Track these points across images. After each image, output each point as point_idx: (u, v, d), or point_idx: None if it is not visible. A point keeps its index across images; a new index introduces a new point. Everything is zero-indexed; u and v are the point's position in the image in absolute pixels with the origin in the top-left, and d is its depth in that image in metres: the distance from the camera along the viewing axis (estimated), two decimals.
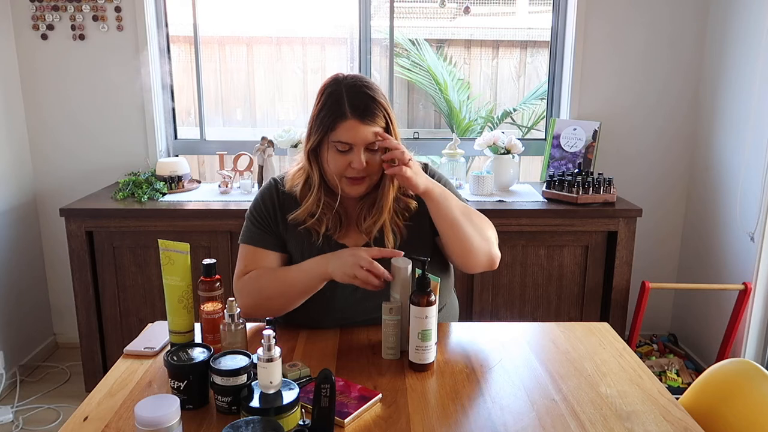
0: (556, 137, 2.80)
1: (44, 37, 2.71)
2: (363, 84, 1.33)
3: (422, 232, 1.45)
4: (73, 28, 2.70)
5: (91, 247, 2.40)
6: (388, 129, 1.34)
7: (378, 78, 3.11)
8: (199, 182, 2.79)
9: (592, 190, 2.41)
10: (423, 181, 1.32)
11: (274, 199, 1.45)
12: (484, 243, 1.40)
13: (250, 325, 1.39)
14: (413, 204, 1.44)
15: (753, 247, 2.37)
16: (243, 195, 2.55)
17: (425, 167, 1.50)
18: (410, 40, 3.61)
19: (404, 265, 1.25)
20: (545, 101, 3.07)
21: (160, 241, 1.23)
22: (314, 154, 1.38)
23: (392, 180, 1.38)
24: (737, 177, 2.49)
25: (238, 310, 1.20)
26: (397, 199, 1.42)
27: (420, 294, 1.20)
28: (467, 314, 2.48)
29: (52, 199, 2.83)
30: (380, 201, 1.39)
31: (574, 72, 2.78)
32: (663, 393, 1.16)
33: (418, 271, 1.21)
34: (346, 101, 1.30)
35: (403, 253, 1.28)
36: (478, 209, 2.49)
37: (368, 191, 1.40)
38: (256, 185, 2.62)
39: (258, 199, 1.47)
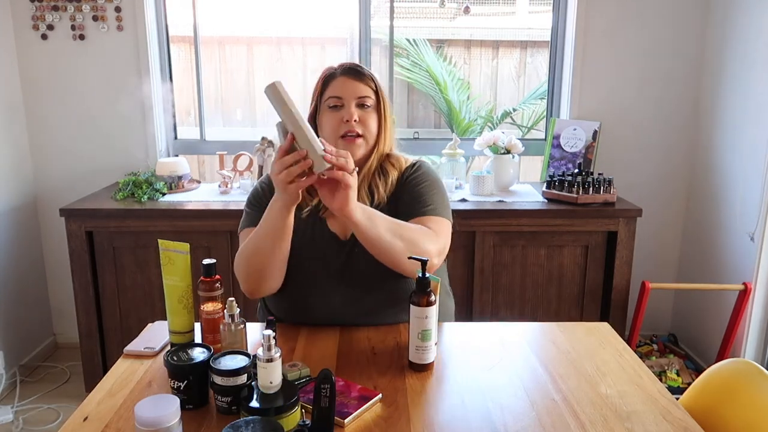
0: (556, 137, 2.80)
1: (44, 37, 2.71)
2: (354, 63, 1.49)
3: (398, 207, 1.44)
4: (73, 28, 2.70)
5: (91, 247, 2.40)
6: (377, 94, 1.45)
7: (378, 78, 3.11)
8: (199, 182, 2.79)
9: (592, 190, 2.41)
10: (356, 207, 1.23)
11: (270, 183, 1.45)
12: (403, 245, 1.30)
13: (250, 326, 1.39)
14: (395, 170, 1.47)
15: (753, 247, 2.37)
16: (243, 195, 2.55)
17: (418, 164, 1.51)
18: (410, 40, 3.61)
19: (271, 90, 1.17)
20: (545, 101, 3.07)
21: (159, 241, 1.23)
22: (313, 124, 1.47)
23: (377, 150, 1.45)
24: (737, 177, 2.49)
25: (238, 310, 1.20)
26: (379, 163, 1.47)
27: (420, 294, 1.19)
28: (467, 314, 2.47)
29: (52, 199, 2.83)
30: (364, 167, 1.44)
31: (574, 72, 2.78)
32: (663, 393, 1.16)
33: (418, 272, 1.21)
34: (337, 69, 1.47)
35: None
36: (477, 209, 2.47)
37: (365, 157, 1.44)
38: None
39: (255, 186, 1.53)
